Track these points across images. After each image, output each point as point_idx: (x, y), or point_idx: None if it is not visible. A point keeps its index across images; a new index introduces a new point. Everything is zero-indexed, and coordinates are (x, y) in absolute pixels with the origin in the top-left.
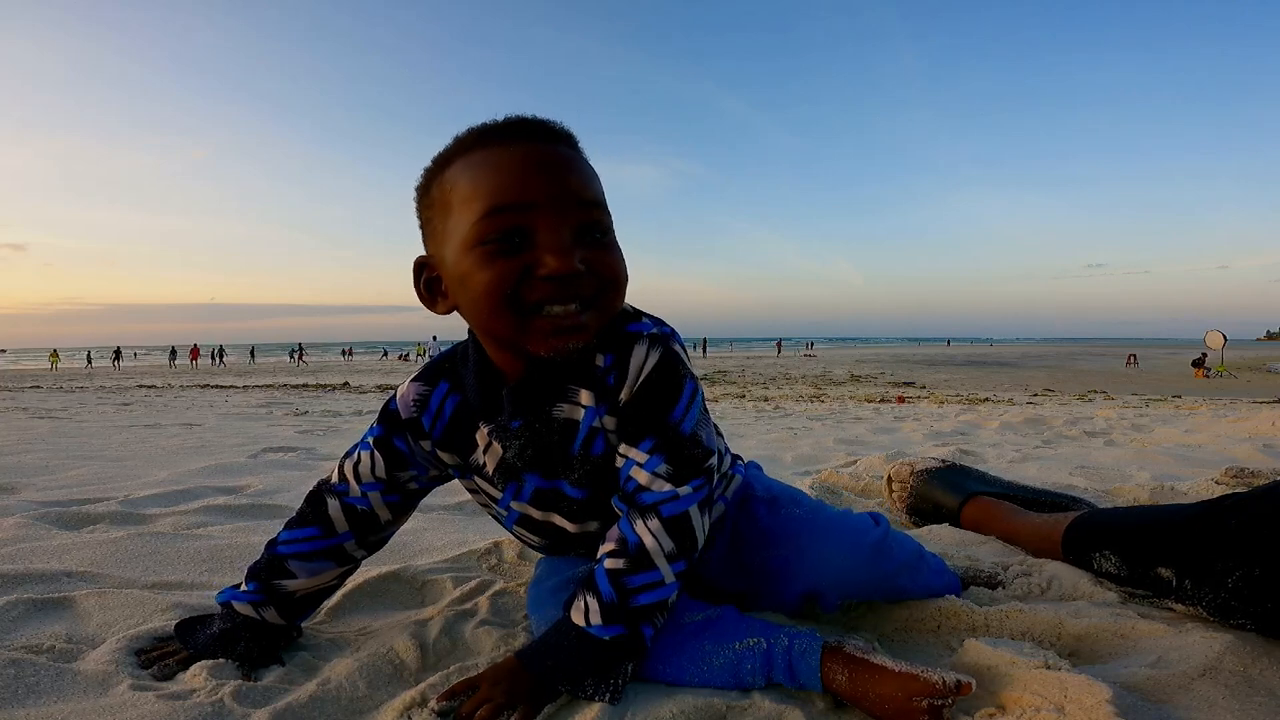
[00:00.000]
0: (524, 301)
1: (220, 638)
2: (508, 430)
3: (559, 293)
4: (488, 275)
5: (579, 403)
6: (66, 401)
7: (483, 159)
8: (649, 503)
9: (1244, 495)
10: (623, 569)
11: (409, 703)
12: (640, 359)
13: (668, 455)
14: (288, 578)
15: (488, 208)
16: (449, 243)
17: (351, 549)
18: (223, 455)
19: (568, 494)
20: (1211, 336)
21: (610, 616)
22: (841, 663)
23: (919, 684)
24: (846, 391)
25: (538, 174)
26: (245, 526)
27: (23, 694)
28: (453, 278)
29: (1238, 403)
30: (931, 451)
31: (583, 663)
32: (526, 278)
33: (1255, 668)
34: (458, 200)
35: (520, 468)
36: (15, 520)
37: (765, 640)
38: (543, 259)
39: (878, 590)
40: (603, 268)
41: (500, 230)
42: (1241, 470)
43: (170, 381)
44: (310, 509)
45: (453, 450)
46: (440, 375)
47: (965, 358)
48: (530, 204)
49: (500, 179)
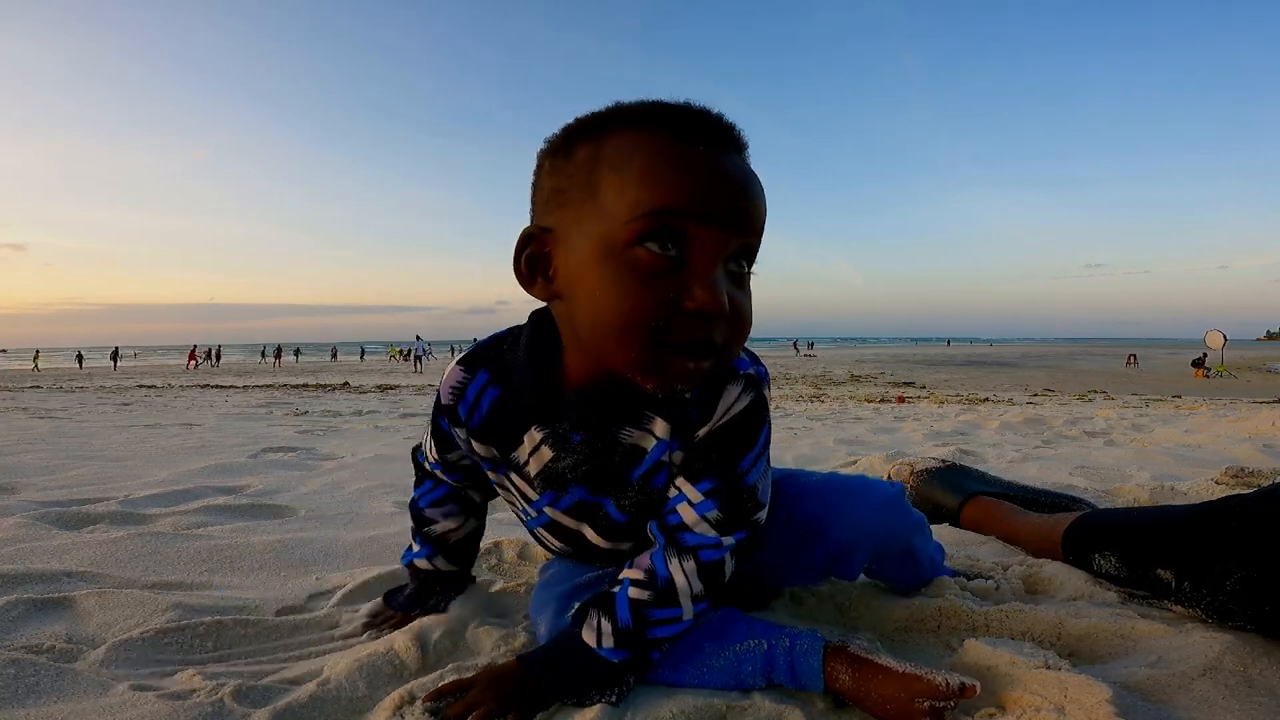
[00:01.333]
0: (661, 334)
1: (415, 595)
2: (567, 442)
3: (701, 334)
4: (630, 291)
5: (652, 432)
6: (66, 401)
7: (652, 145)
8: (689, 545)
9: (1244, 497)
10: (647, 601)
11: (402, 700)
12: (730, 400)
13: (722, 503)
14: (432, 524)
15: (652, 206)
16: (587, 228)
17: (469, 493)
18: (223, 455)
19: (610, 513)
20: (1211, 336)
21: (623, 642)
22: (845, 663)
23: (922, 685)
24: (846, 391)
25: (722, 187)
26: (245, 526)
27: (23, 694)
28: (575, 267)
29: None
30: (931, 451)
31: (587, 679)
32: (673, 308)
33: (1255, 668)
34: (610, 182)
35: (570, 480)
36: (15, 520)
37: (766, 641)
38: (694, 290)
39: (897, 545)
40: (741, 310)
41: (656, 233)
42: (1241, 470)
43: (170, 381)
44: (418, 470)
45: (490, 444)
46: (482, 363)
47: (965, 358)
48: (702, 215)
49: (675, 178)
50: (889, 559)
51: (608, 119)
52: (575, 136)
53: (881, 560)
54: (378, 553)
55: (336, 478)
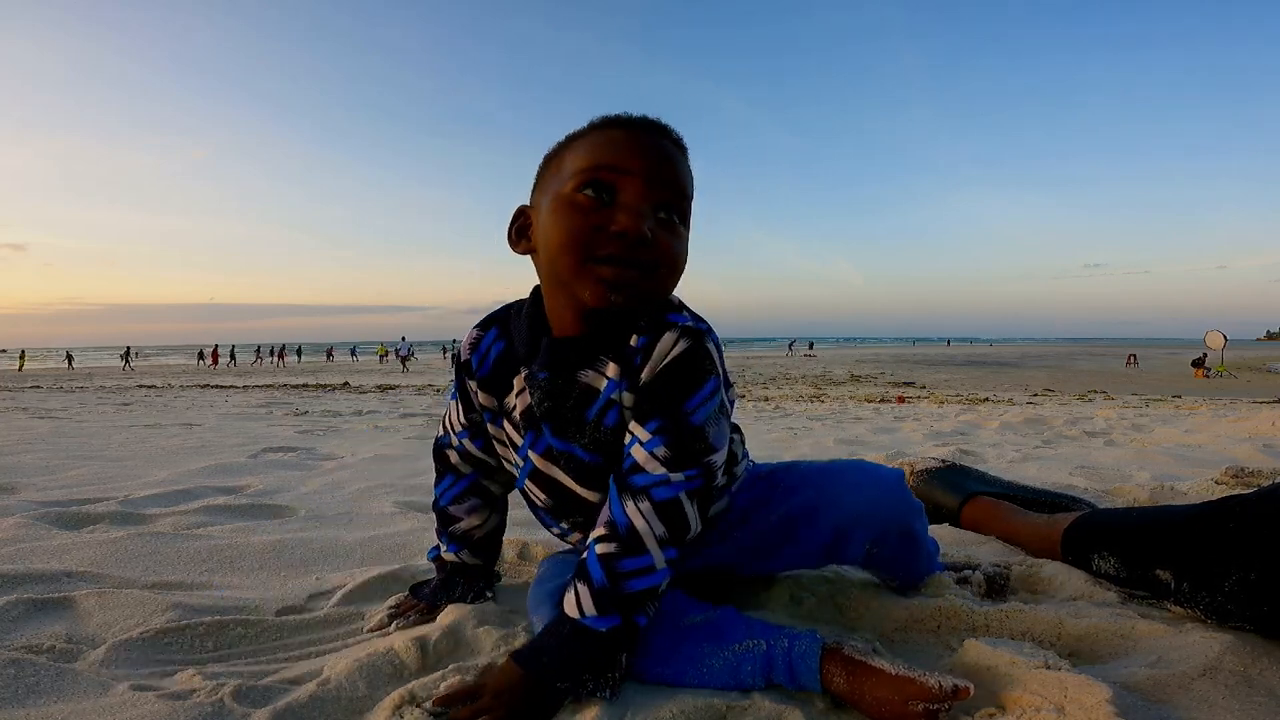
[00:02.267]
0: (592, 251)
1: (441, 586)
2: (535, 379)
3: (623, 252)
4: (568, 222)
5: (604, 373)
6: (66, 401)
7: (601, 135)
8: (640, 485)
9: (1243, 497)
10: (614, 553)
11: (402, 700)
12: (668, 345)
13: (670, 440)
14: (456, 522)
15: (588, 165)
16: (548, 193)
17: (487, 484)
18: (223, 455)
19: (579, 456)
20: (1211, 336)
21: (603, 604)
22: (840, 664)
23: (915, 688)
24: (846, 391)
25: (641, 152)
26: (245, 526)
27: (23, 694)
28: (541, 223)
29: (1238, 403)
30: (931, 451)
31: (580, 657)
32: (600, 232)
33: (1255, 668)
34: (569, 161)
35: (539, 417)
36: (15, 520)
37: (765, 641)
38: (617, 216)
39: (896, 527)
40: (665, 245)
41: (591, 183)
42: (1241, 470)
43: (170, 381)
44: (439, 464)
45: (491, 392)
46: (493, 323)
47: (965, 358)
48: (625, 169)
49: (608, 148)
50: (889, 541)
51: (581, 130)
52: (560, 145)
53: (882, 543)
54: (378, 553)
55: (336, 478)
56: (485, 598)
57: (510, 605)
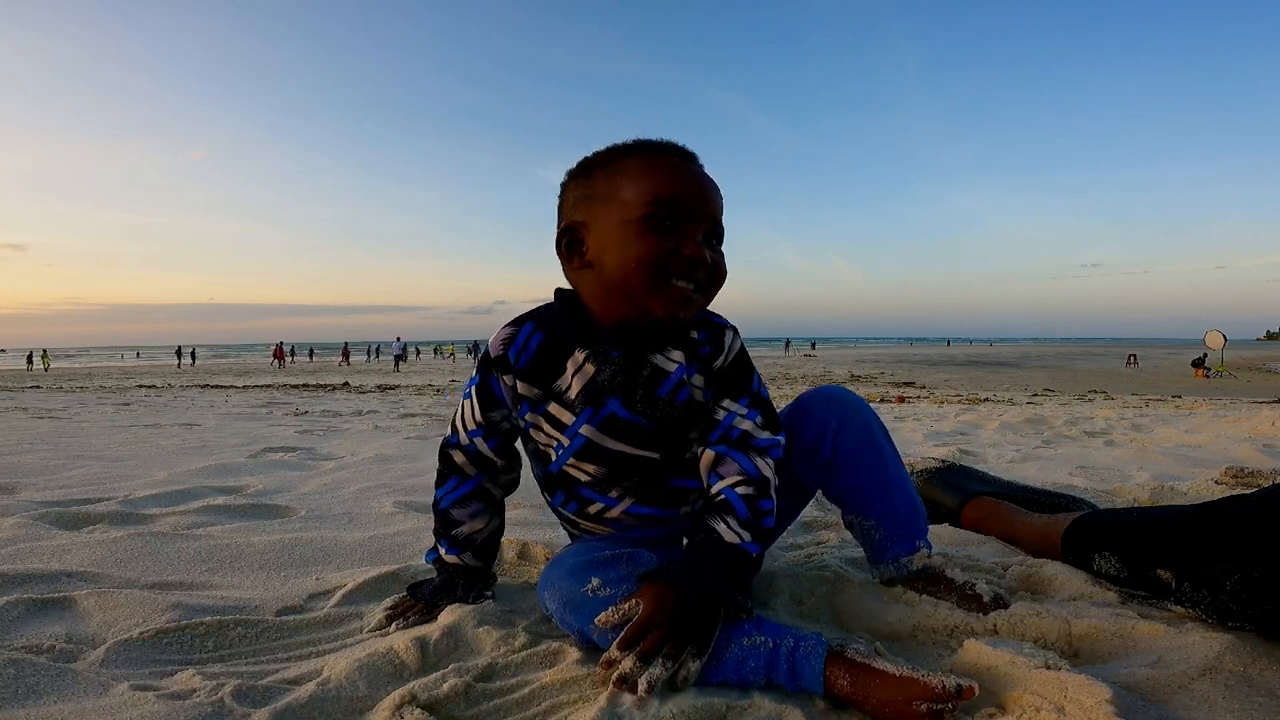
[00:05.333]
0: (664, 270)
1: (441, 587)
2: (607, 357)
3: (689, 272)
4: (645, 247)
5: (671, 359)
6: (66, 401)
7: (649, 163)
8: (764, 445)
9: (1243, 497)
10: (754, 494)
11: (402, 700)
12: (730, 340)
13: (761, 412)
14: (458, 525)
15: (654, 197)
16: (612, 216)
17: (490, 487)
18: (223, 455)
19: (641, 424)
20: (1211, 336)
21: (753, 533)
22: (844, 667)
23: (919, 688)
24: None
25: (698, 186)
26: (245, 526)
27: (23, 694)
28: (605, 242)
29: (1238, 403)
30: (931, 451)
31: (735, 575)
32: (672, 257)
33: (1255, 668)
34: (629, 188)
35: (608, 391)
36: (15, 520)
37: (772, 640)
38: (686, 244)
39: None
40: (717, 265)
41: (661, 214)
42: (1241, 470)
43: (170, 381)
44: (443, 465)
45: (532, 381)
46: (527, 319)
47: (965, 358)
48: (688, 202)
49: (671, 181)
50: (853, 447)
51: (612, 153)
52: (592, 166)
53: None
54: (377, 553)
55: (336, 478)
56: (486, 598)
57: (510, 605)
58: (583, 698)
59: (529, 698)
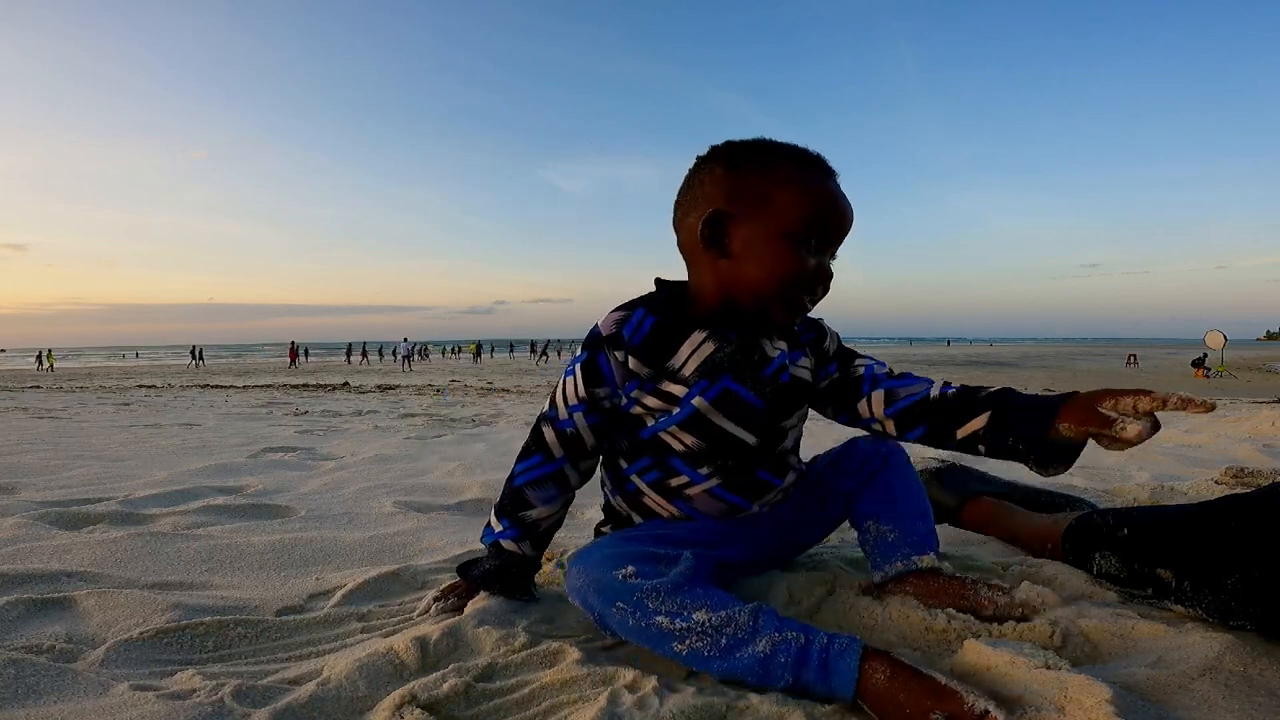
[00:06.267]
0: (799, 287)
1: (489, 574)
2: (727, 337)
3: (817, 293)
4: (793, 263)
5: (776, 346)
6: (66, 401)
7: (804, 177)
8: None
9: (1243, 497)
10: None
11: (402, 700)
12: (831, 330)
13: (878, 363)
14: (529, 508)
15: (807, 215)
16: (764, 220)
17: (569, 473)
18: (223, 455)
19: (749, 400)
20: (1211, 336)
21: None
22: (884, 667)
23: (955, 703)
24: None
25: (841, 209)
26: (245, 526)
27: (23, 694)
28: (751, 241)
29: (1238, 403)
30: (931, 451)
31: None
32: (811, 274)
33: (1255, 668)
34: (779, 195)
35: (724, 367)
36: (15, 520)
37: (804, 635)
38: (823, 268)
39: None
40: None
41: (809, 235)
42: (1241, 470)
43: (170, 381)
44: (532, 440)
45: (645, 358)
46: (637, 304)
47: (965, 358)
48: (832, 229)
49: (818, 201)
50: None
51: (768, 154)
52: (742, 160)
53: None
54: (377, 553)
55: (336, 478)
56: (530, 596)
57: (510, 605)
58: (583, 698)
59: (529, 698)
